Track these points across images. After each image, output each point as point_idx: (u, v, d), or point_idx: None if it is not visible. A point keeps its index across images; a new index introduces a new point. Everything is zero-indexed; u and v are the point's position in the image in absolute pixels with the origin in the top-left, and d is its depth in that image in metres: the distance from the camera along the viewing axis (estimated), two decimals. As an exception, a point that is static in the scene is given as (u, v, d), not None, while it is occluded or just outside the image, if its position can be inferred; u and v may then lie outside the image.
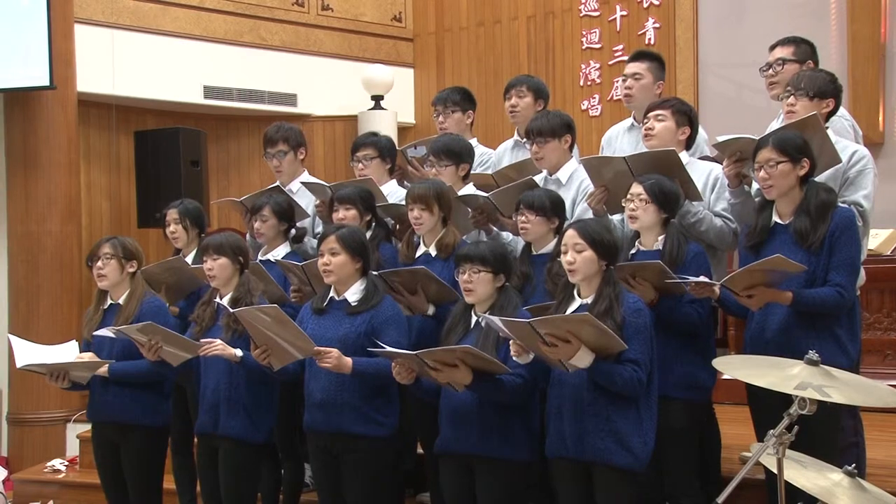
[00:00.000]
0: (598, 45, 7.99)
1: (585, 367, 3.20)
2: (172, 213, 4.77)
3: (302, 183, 4.83)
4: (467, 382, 3.35)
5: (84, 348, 4.33)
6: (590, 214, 3.97)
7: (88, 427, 6.04)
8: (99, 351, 4.26)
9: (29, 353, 4.15)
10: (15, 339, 4.21)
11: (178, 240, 4.76)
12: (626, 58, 5.52)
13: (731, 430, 4.14)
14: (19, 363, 4.11)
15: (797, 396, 2.64)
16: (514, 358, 3.33)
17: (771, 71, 4.17)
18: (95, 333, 4.21)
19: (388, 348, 3.46)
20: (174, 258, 4.67)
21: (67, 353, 4.24)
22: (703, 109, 7.20)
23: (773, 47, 4.25)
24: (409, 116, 8.65)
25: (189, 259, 4.66)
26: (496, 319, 3.28)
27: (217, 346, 3.88)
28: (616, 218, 4.00)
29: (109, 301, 4.33)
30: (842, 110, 3.95)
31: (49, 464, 6.17)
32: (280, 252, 4.54)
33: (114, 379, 4.21)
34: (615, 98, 7.71)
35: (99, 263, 4.28)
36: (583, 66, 8.04)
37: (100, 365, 4.17)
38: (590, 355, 3.19)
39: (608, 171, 3.90)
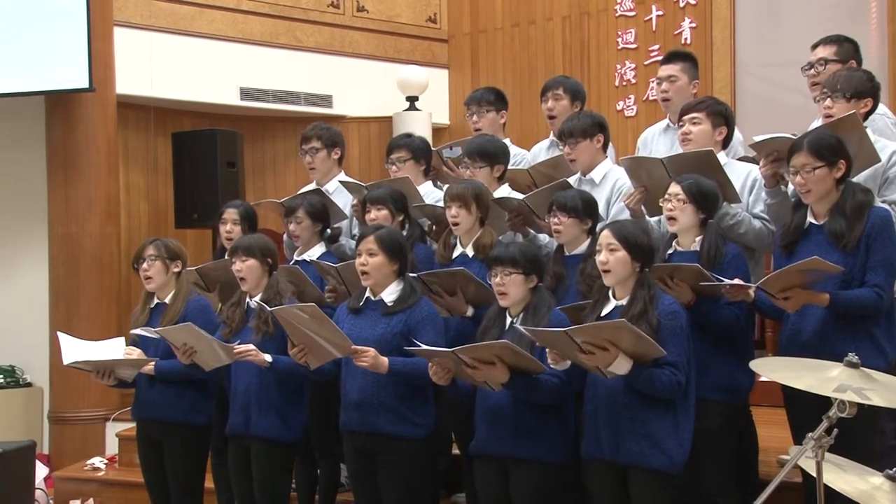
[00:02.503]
0: (633, 46, 7.95)
1: (624, 374, 3.19)
2: (231, 213, 4.81)
3: (340, 182, 4.86)
4: (504, 381, 3.35)
5: (131, 345, 4.37)
6: (625, 214, 3.95)
7: (128, 426, 6.15)
8: (145, 349, 4.31)
9: (76, 351, 4.20)
10: (63, 337, 4.25)
11: (233, 240, 4.77)
12: (661, 58, 5.50)
13: (768, 433, 4.10)
14: (66, 360, 4.15)
15: (836, 399, 2.62)
16: (553, 366, 3.33)
17: (813, 71, 4.12)
18: (136, 332, 4.26)
19: (424, 346, 3.47)
20: (228, 259, 4.70)
21: (114, 348, 4.30)
22: (740, 109, 7.15)
23: (815, 46, 4.21)
24: (444, 117, 8.66)
25: None
26: (529, 330, 3.28)
27: (251, 352, 3.91)
28: (653, 219, 3.98)
29: (156, 300, 4.38)
30: (883, 108, 3.90)
31: (89, 462, 6.24)
32: (315, 252, 4.57)
33: (159, 377, 4.25)
34: (651, 98, 7.67)
35: (144, 265, 4.34)
36: (618, 67, 8.01)
37: (145, 363, 4.22)
38: (628, 362, 3.18)
39: (646, 171, 3.89)
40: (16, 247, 7.09)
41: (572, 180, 4.22)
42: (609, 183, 4.20)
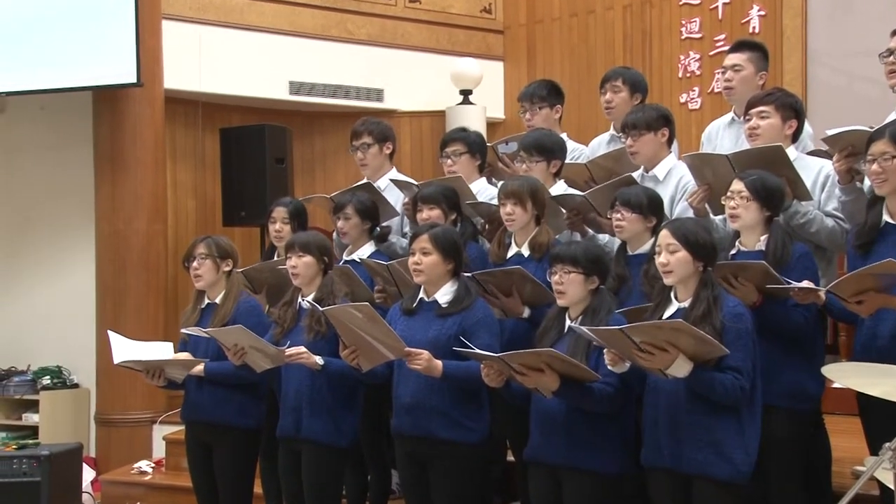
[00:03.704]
0: (698, 35, 7.87)
1: (684, 377, 3.17)
2: (281, 212, 4.84)
3: (391, 180, 4.88)
4: (554, 388, 3.35)
5: (181, 346, 4.46)
6: (690, 214, 3.92)
7: (175, 428, 6.25)
8: (195, 350, 4.38)
9: (126, 350, 4.27)
10: (113, 336, 4.32)
11: (283, 239, 4.80)
12: (728, 48, 5.44)
13: (842, 443, 4.05)
14: (116, 359, 4.22)
15: (914, 407, 2.58)
16: (610, 367, 3.32)
17: (892, 58, 4.05)
18: (186, 331, 4.32)
19: (475, 350, 3.48)
20: (278, 259, 4.74)
21: (163, 351, 4.37)
22: (812, 101, 7.04)
23: (894, 32, 4.13)
24: (499, 111, 8.65)
25: None
26: (586, 329, 3.27)
27: (303, 355, 3.95)
28: (718, 218, 3.95)
29: (206, 300, 4.44)
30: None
31: (136, 465, 6.34)
32: (365, 251, 4.60)
33: (209, 378, 4.31)
34: (716, 90, 7.58)
35: (195, 264, 4.39)
36: (682, 58, 7.93)
37: (195, 364, 4.28)
38: (688, 364, 3.16)
39: (710, 169, 3.86)
40: (62, 245, 7.22)
41: (635, 175, 4.19)
42: (673, 180, 4.17)
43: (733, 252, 3.66)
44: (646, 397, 3.41)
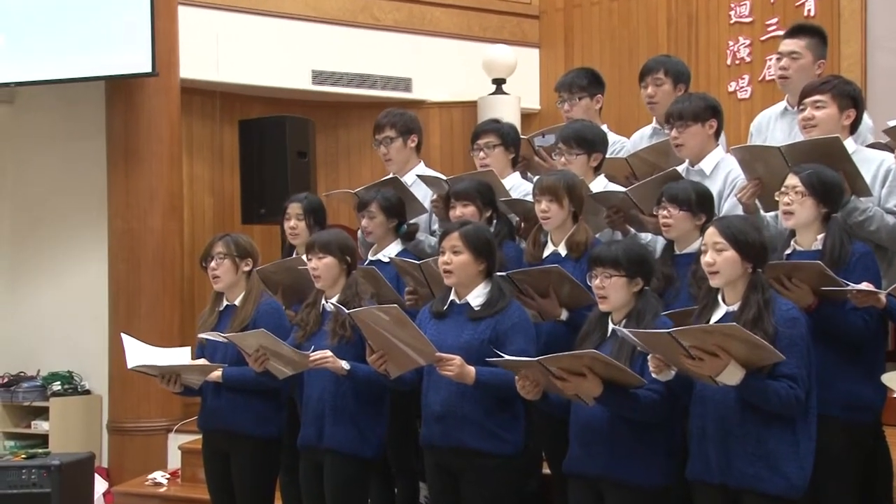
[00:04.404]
0: (748, 19, 7.82)
1: (735, 385, 3.16)
2: (295, 208, 4.87)
3: (417, 175, 4.90)
4: (596, 394, 3.34)
5: (198, 351, 4.50)
6: (739, 210, 3.91)
7: (192, 438, 6.29)
8: (212, 355, 4.41)
9: (141, 354, 4.30)
10: (127, 339, 4.35)
11: (298, 237, 4.85)
12: (780, 33, 5.41)
13: (904, 457, 4.02)
14: (130, 364, 4.25)
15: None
16: (655, 375, 3.31)
17: None
18: (203, 336, 4.36)
19: (507, 357, 3.47)
20: (293, 258, 4.78)
21: (180, 357, 4.40)
22: (872, 90, 6.97)
23: None
24: (534, 102, 8.64)
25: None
26: (629, 333, 3.27)
27: (328, 358, 3.97)
28: (769, 215, 3.93)
29: (225, 302, 4.47)
30: None
31: (150, 476, 6.40)
32: (392, 251, 4.62)
33: (227, 385, 4.33)
34: (768, 78, 7.53)
35: (212, 264, 4.42)
36: (730, 43, 7.88)
37: (213, 369, 4.31)
38: (740, 371, 3.14)
39: (761, 162, 3.84)
40: (73, 243, 7.31)
41: (679, 169, 4.18)
42: (721, 174, 4.15)
43: (788, 252, 3.65)
44: (693, 407, 3.39)
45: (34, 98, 7.23)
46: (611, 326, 3.55)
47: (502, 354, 3.51)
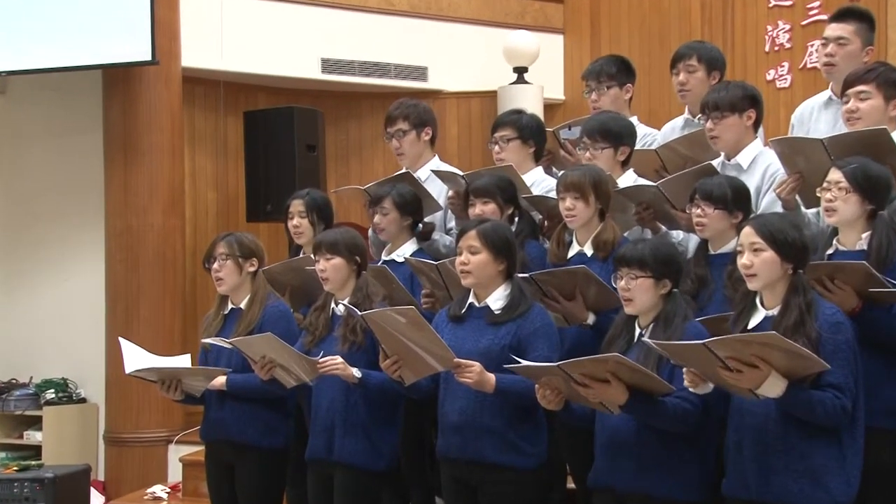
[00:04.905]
0: (788, 2, 7.80)
1: (777, 398, 3.14)
2: (297, 205, 4.89)
3: (432, 171, 4.90)
4: (621, 402, 3.33)
5: (201, 357, 4.51)
6: (779, 207, 3.89)
7: (193, 449, 6.31)
8: (217, 362, 4.42)
9: (139, 359, 4.31)
10: (125, 343, 4.37)
11: (302, 235, 4.87)
12: (823, 17, 5.38)
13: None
14: (128, 369, 4.27)
15: None
16: (691, 389, 3.30)
17: None
18: (206, 341, 4.37)
19: (525, 362, 3.46)
20: (300, 258, 4.79)
21: (181, 364, 4.41)
22: (921, 78, 6.93)
23: None
24: (558, 91, 8.64)
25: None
26: (654, 344, 3.26)
27: (338, 364, 3.97)
28: (811, 212, 3.92)
29: (230, 305, 4.48)
30: None
31: (149, 490, 6.41)
32: (406, 250, 4.62)
33: (232, 392, 4.34)
34: (809, 66, 7.51)
35: (215, 265, 4.43)
36: (769, 28, 7.86)
37: (217, 374, 4.32)
38: (782, 382, 3.12)
39: (802, 156, 3.82)
40: (68, 242, 7.34)
41: (714, 163, 4.16)
42: (759, 169, 4.13)
43: (830, 251, 3.63)
44: (729, 419, 3.37)
45: (27, 89, 7.26)
46: (637, 330, 3.54)
47: (521, 360, 3.49)
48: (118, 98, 6.96)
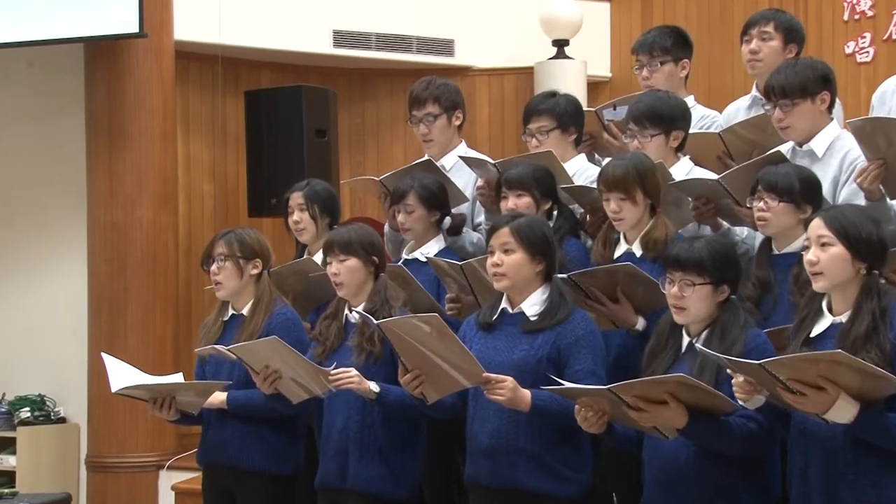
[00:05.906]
0: (870, -35, 7.79)
1: (848, 423, 3.14)
2: (297, 198, 4.92)
3: (459, 157, 4.91)
4: (681, 426, 3.33)
5: (198, 370, 4.54)
6: (861, 199, 3.88)
7: (188, 476, 6.35)
8: (216, 374, 4.43)
9: (126, 375, 4.33)
10: (109, 359, 4.39)
11: (304, 232, 4.90)
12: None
13: None
14: (115, 387, 4.27)
15: None
16: (741, 402, 3.29)
17: None
18: (201, 349, 4.39)
19: (567, 384, 3.47)
20: (304, 259, 4.82)
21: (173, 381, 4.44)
22: None
23: None
24: (604, 68, 8.63)
25: (318, 258, 4.71)
26: (716, 358, 3.25)
27: (353, 378, 3.98)
28: None
29: (231, 311, 4.51)
30: None
31: (137, 521, 6.48)
32: (432, 248, 4.64)
33: (233, 411, 4.36)
34: (895, 37, 7.49)
35: (213, 267, 4.45)
36: (848, -5, 7.85)
37: (215, 388, 4.33)
38: (853, 406, 3.09)
39: (885, 138, 3.81)
40: (46, 240, 7.37)
41: (784, 150, 4.16)
42: (837, 156, 4.11)
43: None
44: (792, 444, 3.37)
45: (-1, 66, 7.33)
46: (685, 339, 3.54)
47: (560, 381, 3.49)
48: (102, 76, 7.01)
